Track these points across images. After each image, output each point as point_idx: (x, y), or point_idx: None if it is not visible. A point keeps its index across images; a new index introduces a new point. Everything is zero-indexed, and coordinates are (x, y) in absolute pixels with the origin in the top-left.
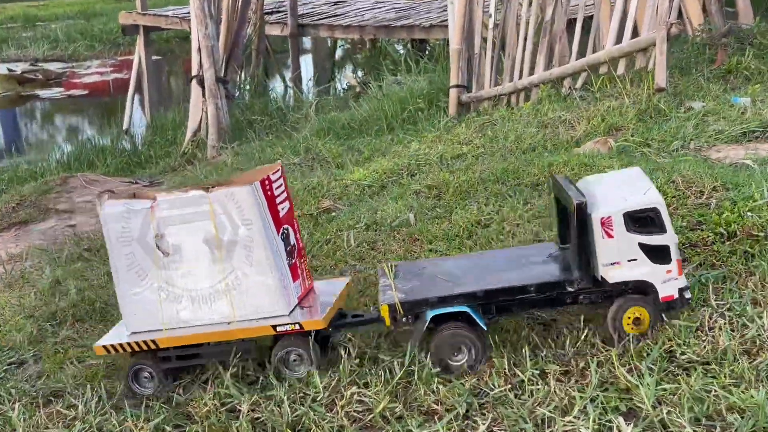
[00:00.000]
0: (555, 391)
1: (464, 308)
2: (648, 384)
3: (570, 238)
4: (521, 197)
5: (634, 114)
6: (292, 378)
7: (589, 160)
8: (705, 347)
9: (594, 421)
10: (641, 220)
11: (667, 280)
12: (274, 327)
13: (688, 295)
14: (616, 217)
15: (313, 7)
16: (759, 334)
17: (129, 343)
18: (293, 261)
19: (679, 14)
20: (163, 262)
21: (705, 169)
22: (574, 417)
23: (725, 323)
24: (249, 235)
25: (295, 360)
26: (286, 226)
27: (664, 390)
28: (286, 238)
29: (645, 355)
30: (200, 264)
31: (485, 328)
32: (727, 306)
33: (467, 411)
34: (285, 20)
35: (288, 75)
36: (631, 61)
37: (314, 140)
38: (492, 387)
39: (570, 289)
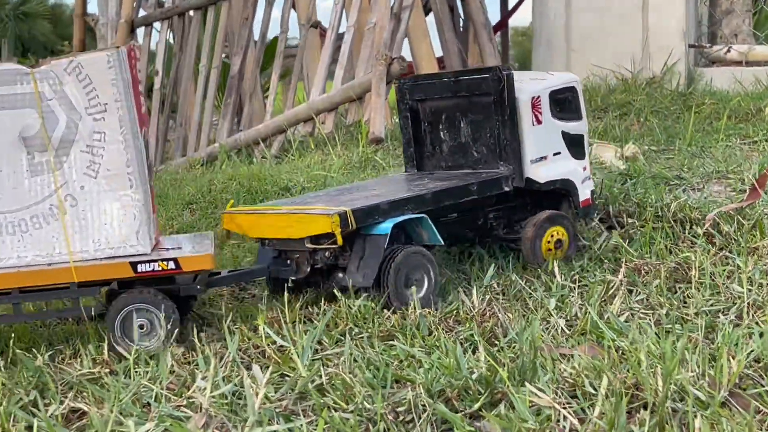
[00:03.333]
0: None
1: (422, 216)
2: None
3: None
4: None
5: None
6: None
7: None
8: None
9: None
10: (561, 103)
11: (585, 180)
12: (134, 266)
13: (595, 198)
14: (543, 96)
15: None
16: None
17: None
18: (152, 183)
19: None
20: None
21: None
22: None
23: None
24: (99, 129)
25: (141, 326)
26: (144, 129)
27: None
28: (146, 146)
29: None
30: (9, 173)
31: (442, 242)
32: None
33: None
34: None
35: None
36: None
37: None
38: None
39: (506, 189)
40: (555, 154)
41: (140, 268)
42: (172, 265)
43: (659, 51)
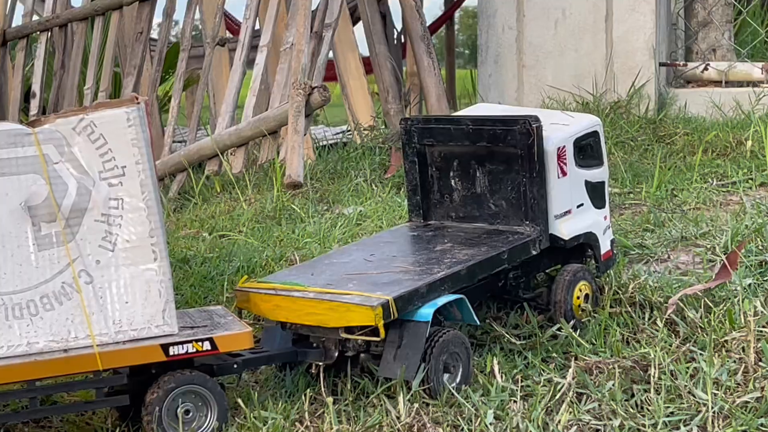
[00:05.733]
0: None
1: (461, 297)
2: None
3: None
4: None
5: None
6: None
7: None
8: None
9: None
10: (584, 150)
11: (605, 230)
12: (165, 349)
13: (615, 249)
14: (569, 146)
15: None
16: None
17: None
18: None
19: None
20: None
21: None
22: None
23: None
24: (115, 195)
25: (187, 411)
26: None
27: None
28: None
29: None
30: (13, 248)
31: (478, 323)
32: None
33: None
34: None
35: None
36: (256, 151)
37: None
38: None
39: (534, 252)
40: (578, 206)
41: (172, 350)
42: (207, 345)
43: (625, 70)
